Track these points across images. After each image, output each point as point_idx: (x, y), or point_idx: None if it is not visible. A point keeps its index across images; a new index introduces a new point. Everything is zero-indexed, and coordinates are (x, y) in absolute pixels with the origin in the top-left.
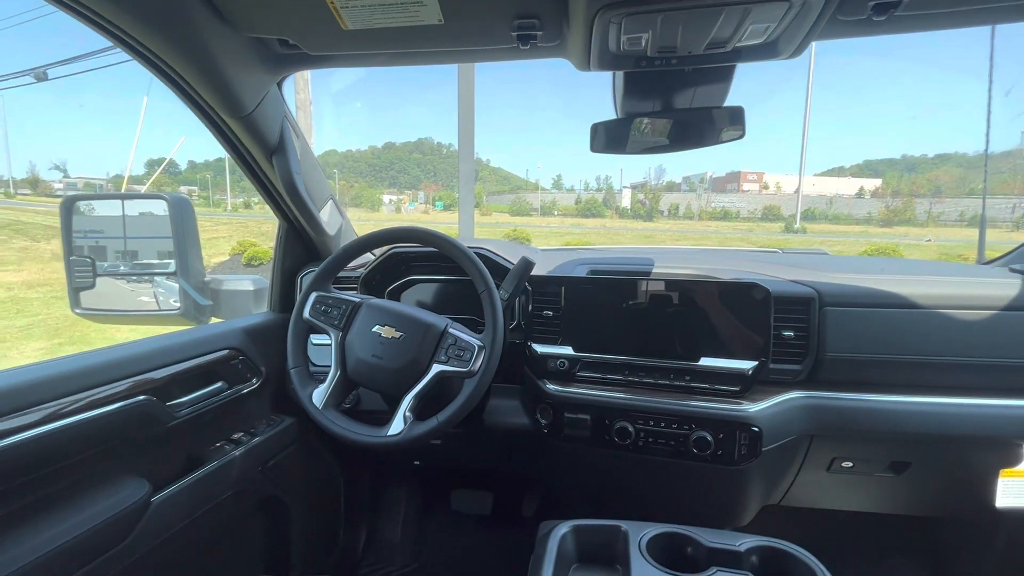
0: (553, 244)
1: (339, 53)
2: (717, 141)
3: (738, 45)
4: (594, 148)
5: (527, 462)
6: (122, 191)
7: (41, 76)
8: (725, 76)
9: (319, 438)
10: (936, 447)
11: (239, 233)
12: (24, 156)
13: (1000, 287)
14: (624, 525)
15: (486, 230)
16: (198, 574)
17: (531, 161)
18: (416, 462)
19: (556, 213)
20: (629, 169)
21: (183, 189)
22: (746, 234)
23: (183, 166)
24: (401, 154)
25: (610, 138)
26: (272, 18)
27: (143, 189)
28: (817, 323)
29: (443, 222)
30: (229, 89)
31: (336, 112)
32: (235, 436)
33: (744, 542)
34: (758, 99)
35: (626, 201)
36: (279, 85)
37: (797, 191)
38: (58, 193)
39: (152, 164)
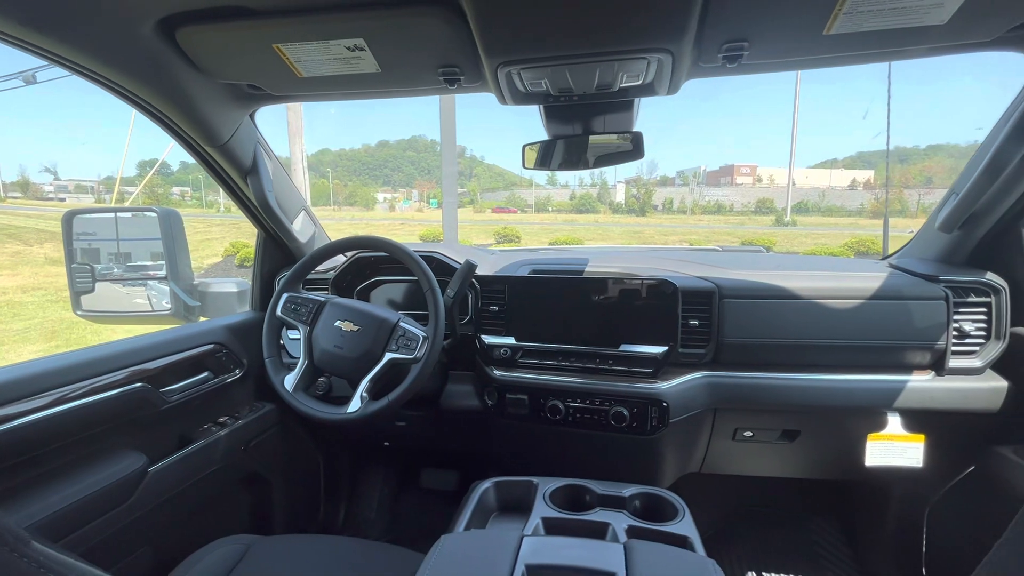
0: (543, 240)
1: (298, 93)
2: (622, 161)
3: (622, 86)
4: (525, 165)
5: (480, 439)
6: (114, 192)
7: (30, 79)
8: (626, 107)
9: (298, 422)
10: (818, 417)
11: (232, 234)
12: (14, 158)
13: (869, 280)
14: (536, 480)
15: (479, 228)
16: (191, 534)
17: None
18: (386, 443)
19: (551, 209)
20: (622, 164)
21: (176, 190)
22: (736, 228)
23: (175, 167)
24: (395, 152)
25: (538, 157)
26: (240, 69)
27: (135, 190)
28: (717, 313)
29: (437, 220)
30: (207, 124)
31: (328, 108)
32: (221, 419)
33: (629, 490)
34: (753, 82)
35: (620, 196)
36: (251, 116)
37: (788, 185)
38: (49, 196)
39: (144, 165)
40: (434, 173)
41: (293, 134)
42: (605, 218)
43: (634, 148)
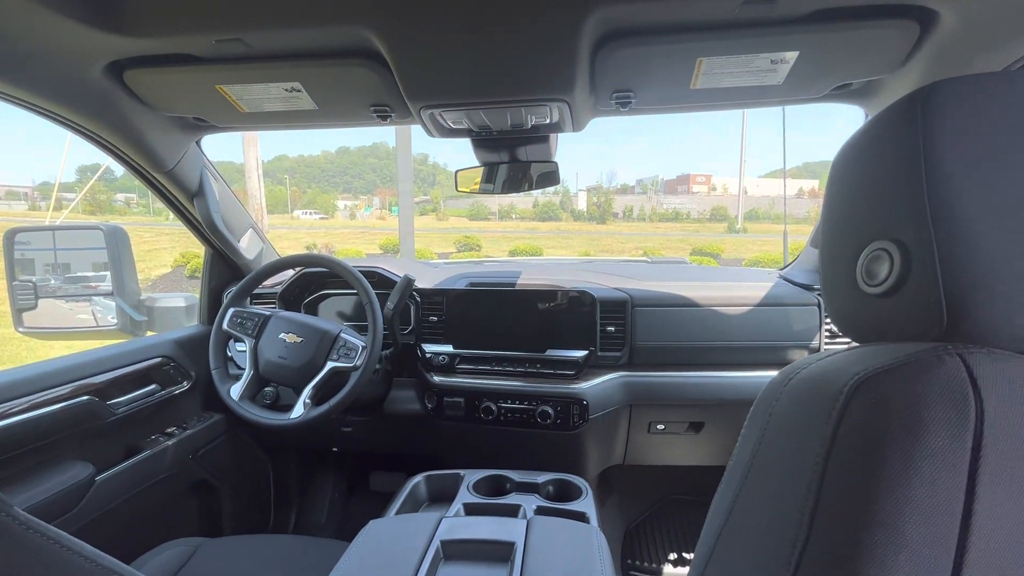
0: (504, 248)
1: (242, 125)
2: (543, 187)
3: (533, 124)
4: (458, 188)
5: (422, 441)
6: (52, 199)
7: None
8: (544, 139)
9: (246, 431)
10: (718, 410)
11: (182, 243)
12: None
13: (758, 289)
14: (463, 472)
15: (439, 236)
16: (141, 539)
17: None
18: (334, 449)
19: (514, 216)
20: (584, 172)
21: (120, 196)
22: (690, 235)
23: (119, 172)
24: (356, 159)
25: (470, 181)
26: (185, 105)
27: (75, 197)
28: (630, 320)
29: (397, 228)
30: (153, 152)
31: None
32: (168, 430)
33: (543, 477)
34: None
35: (582, 204)
36: (198, 143)
37: (739, 194)
38: None
39: (84, 171)
40: (396, 181)
41: (248, 141)
42: (567, 225)
43: (551, 175)
